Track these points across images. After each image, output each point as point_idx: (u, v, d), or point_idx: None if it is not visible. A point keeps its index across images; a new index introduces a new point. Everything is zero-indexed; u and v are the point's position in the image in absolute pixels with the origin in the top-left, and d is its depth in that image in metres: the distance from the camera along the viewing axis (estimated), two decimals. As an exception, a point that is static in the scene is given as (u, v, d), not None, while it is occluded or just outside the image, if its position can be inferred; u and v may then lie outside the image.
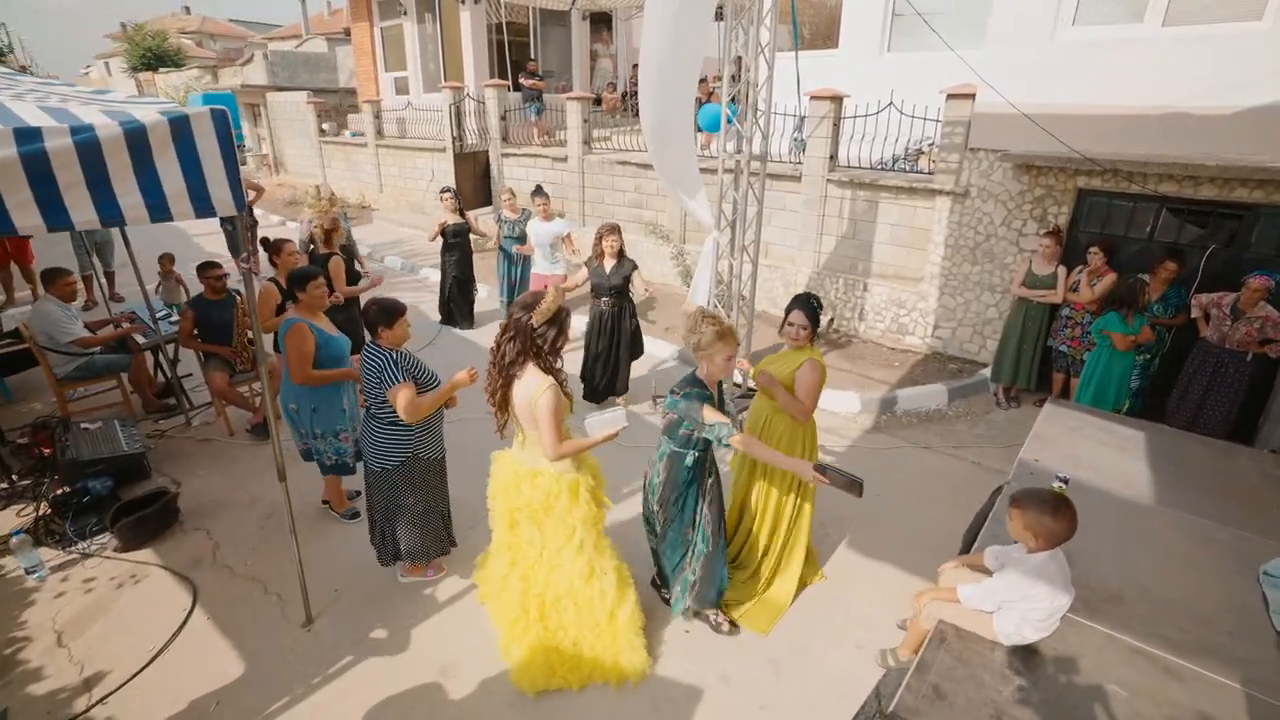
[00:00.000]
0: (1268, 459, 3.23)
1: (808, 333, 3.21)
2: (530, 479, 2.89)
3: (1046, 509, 2.06)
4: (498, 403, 2.86)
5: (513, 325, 2.74)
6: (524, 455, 2.93)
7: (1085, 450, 3.25)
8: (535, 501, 2.88)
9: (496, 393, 2.84)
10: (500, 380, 2.80)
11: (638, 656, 3.01)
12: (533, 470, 2.89)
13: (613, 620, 3.03)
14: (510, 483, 2.95)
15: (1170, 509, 2.78)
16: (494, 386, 2.84)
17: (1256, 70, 4.54)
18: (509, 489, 2.95)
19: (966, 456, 5.04)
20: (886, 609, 3.45)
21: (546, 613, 3.02)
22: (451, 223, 7.04)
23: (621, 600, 3.04)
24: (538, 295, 2.78)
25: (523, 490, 2.90)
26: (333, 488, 4.14)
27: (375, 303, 3.25)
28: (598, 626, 3.03)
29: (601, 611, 3.01)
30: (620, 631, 3.03)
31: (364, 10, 14.27)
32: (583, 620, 3.02)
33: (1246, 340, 4.42)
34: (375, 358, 3.20)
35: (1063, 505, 2.07)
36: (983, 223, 6.10)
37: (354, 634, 3.31)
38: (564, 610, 3.02)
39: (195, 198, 2.42)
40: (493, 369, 2.83)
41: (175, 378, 5.51)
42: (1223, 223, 5.06)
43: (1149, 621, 2.15)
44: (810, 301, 3.23)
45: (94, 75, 42.72)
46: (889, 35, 8.56)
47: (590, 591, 3.00)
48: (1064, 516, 2.05)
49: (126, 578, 3.70)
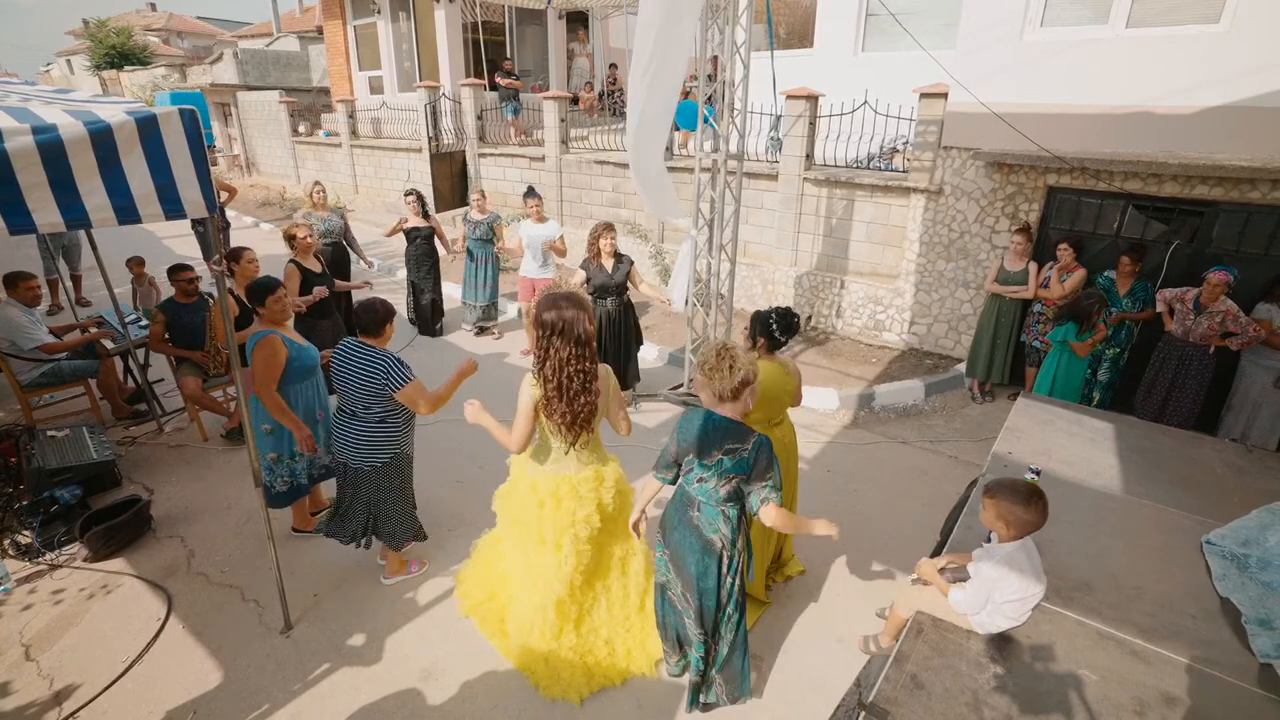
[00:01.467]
0: (1230, 449, 3.33)
1: (759, 344, 3.20)
2: (594, 483, 2.78)
3: (1019, 499, 2.11)
4: (588, 407, 2.60)
5: (579, 323, 2.52)
6: (572, 463, 2.75)
7: (1057, 443, 3.32)
8: (606, 499, 2.79)
9: (587, 397, 2.59)
10: (588, 382, 2.57)
11: (654, 644, 3.05)
12: (596, 472, 2.80)
13: (641, 610, 3.06)
14: (565, 495, 2.75)
15: (1138, 499, 2.86)
16: (581, 390, 2.56)
17: (1215, 71, 4.68)
18: (561, 503, 2.75)
19: (943, 450, 5.12)
20: (865, 601, 3.50)
21: (582, 619, 3.00)
22: (411, 225, 6.89)
23: (648, 584, 3.04)
24: (575, 295, 2.62)
25: (585, 496, 2.75)
26: (298, 507, 3.99)
27: (377, 304, 3.23)
28: (628, 620, 3.04)
29: (633, 603, 3.03)
30: (647, 619, 3.05)
31: (337, 8, 14.08)
32: (613, 616, 3.03)
33: (1209, 334, 4.56)
34: (379, 360, 3.15)
35: (1035, 496, 2.12)
36: (956, 220, 6.21)
37: (334, 639, 3.28)
38: (597, 611, 3.01)
39: (165, 199, 2.37)
40: (576, 376, 2.54)
41: (146, 383, 5.39)
42: (1185, 219, 5.21)
43: (1117, 607, 2.22)
44: (763, 317, 3.17)
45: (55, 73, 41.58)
46: (863, 35, 8.68)
47: (625, 580, 3.01)
48: (1036, 508, 2.10)
49: (97, 588, 3.62)
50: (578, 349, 2.53)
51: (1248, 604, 2.09)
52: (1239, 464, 3.16)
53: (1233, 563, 2.22)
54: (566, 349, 2.52)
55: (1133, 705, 1.86)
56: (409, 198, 6.96)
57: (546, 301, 2.58)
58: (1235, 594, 2.15)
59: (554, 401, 2.59)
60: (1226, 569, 2.21)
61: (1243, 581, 2.17)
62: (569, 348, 2.52)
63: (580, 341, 2.53)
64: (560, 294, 2.61)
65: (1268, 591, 2.11)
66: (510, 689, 3.00)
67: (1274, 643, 1.96)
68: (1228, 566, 2.22)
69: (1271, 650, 1.94)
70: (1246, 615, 2.07)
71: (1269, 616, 2.03)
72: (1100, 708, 1.86)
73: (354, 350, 3.23)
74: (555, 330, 2.52)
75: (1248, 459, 3.20)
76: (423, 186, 10.58)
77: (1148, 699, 1.88)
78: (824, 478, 4.70)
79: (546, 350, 2.55)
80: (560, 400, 2.57)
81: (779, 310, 3.17)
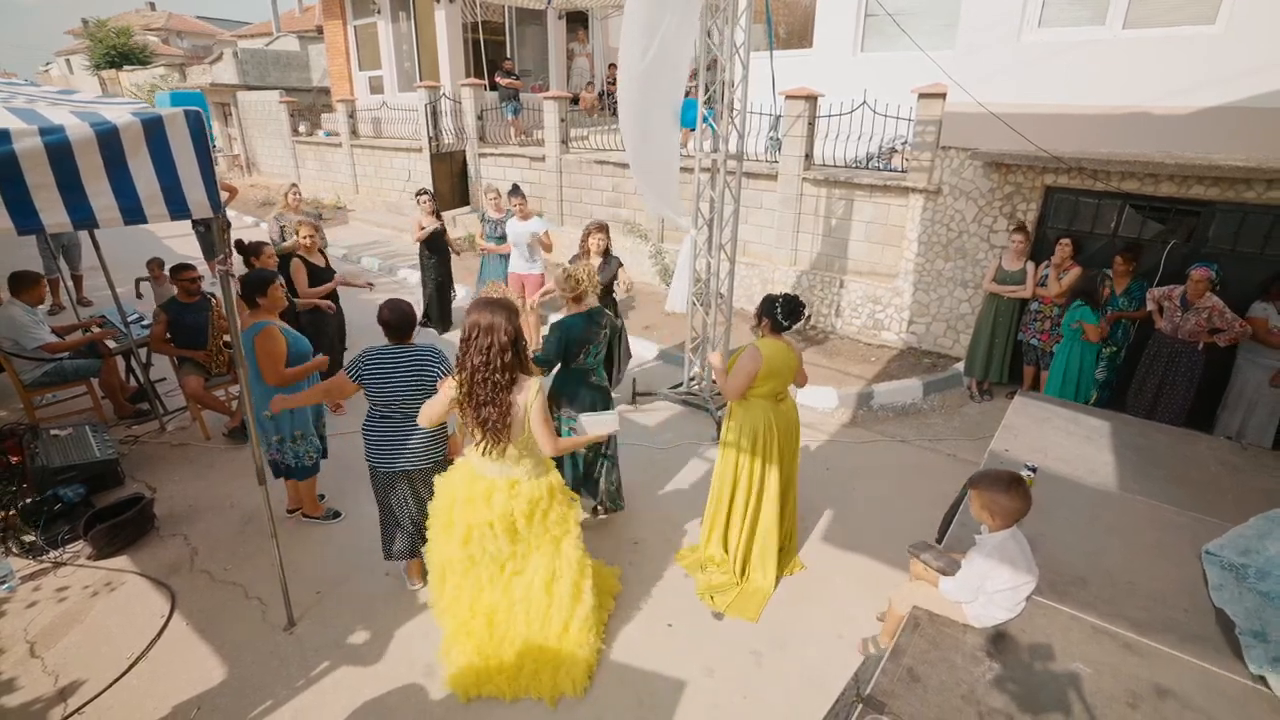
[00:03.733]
0: (1224, 446, 3.37)
1: (763, 324, 3.43)
2: (507, 489, 2.80)
3: (1000, 486, 2.15)
4: (496, 418, 2.62)
5: (496, 331, 2.56)
6: (495, 467, 2.80)
7: (1053, 440, 3.35)
8: (517, 510, 2.81)
9: (494, 407, 2.61)
10: (496, 393, 2.60)
11: (578, 670, 2.95)
12: (510, 480, 2.82)
13: (565, 633, 2.99)
14: (478, 496, 2.80)
15: (1133, 496, 2.89)
16: (487, 401, 2.59)
17: (1210, 72, 4.71)
18: (474, 503, 2.81)
19: (941, 449, 5.15)
20: (865, 598, 3.53)
21: (496, 621, 2.99)
22: (428, 225, 6.97)
23: (576, 608, 2.98)
24: (506, 301, 2.69)
25: (496, 502, 2.79)
26: (307, 493, 4.08)
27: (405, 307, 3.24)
28: (546, 641, 2.98)
29: (557, 623, 2.97)
30: (572, 642, 2.98)
31: (337, 8, 14.09)
32: (532, 632, 2.97)
33: (1196, 330, 4.58)
34: (424, 355, 3.17)
35: (1015, 482, 2.16)
36: (955, 220, 6.24)
37: (337, 636, 3.30)
38: (514, 620, 2.98)
39: (170, 200, 2.40)
40: (481, 385, 2.58)
41: (148, 382, 5.42)
42: (1182, 219, 5.24)
43: (1111, 602, 2.25)
44: (769, 300, 3.40)
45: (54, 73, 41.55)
46: (862, 35, 8.70)
47: (549, 600, 2.96)
48: (1017, 493, 2.14)
49: (101, 586, 3.65)
50: (488, 358, 2.55)
51: (1243, 615, 2.09)
52: (1234, 461, 3.19)
53: (1231, 573, 2.22)
54: (478, 357, 2.55)
55: (1125, 697, 1.89)
56: (422, 197, 7.01)
57: (474, 305, 2.64)
58: (1230, 605, 2.14)
59: (464, 405, 2.66)
60: (1224, 579, 2.21)
61: (1239, 592, 2.17)
62: (479, 356, 2.55)
63: (490, 350, 2.54)
64: (489, 299, 2.65)
65: (1265, 602, 2.11)
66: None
67: (1269, 655, 1.96)
68: (1225, 577, 2.21)
69: (1266, 663, 1.95)
70: (1241, 627, 2.07)
71: (1264, 629, 2.03)
72: (1094, 700, 1.89)
73: (396, 355, 3.18)
74: (471, 335, 2.57)
75: (1242, 456, 3.23)
76: (423, 186, 10.59)
77: (1140, 691, 1.91)
78: (823, 475, 4.73)
79: (463, 354, 2.60)
80: (469, 405, 2.64)
81: (786, 296, 3.40)
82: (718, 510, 3.66)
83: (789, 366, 3.40)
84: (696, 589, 3.60)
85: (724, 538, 3.68)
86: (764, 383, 3.36)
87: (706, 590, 3.57)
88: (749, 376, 3.32)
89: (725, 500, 3.62)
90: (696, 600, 3.54)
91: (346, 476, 4.45)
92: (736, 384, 3.36)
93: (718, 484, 3.65)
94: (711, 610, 3.47)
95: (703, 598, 3.54)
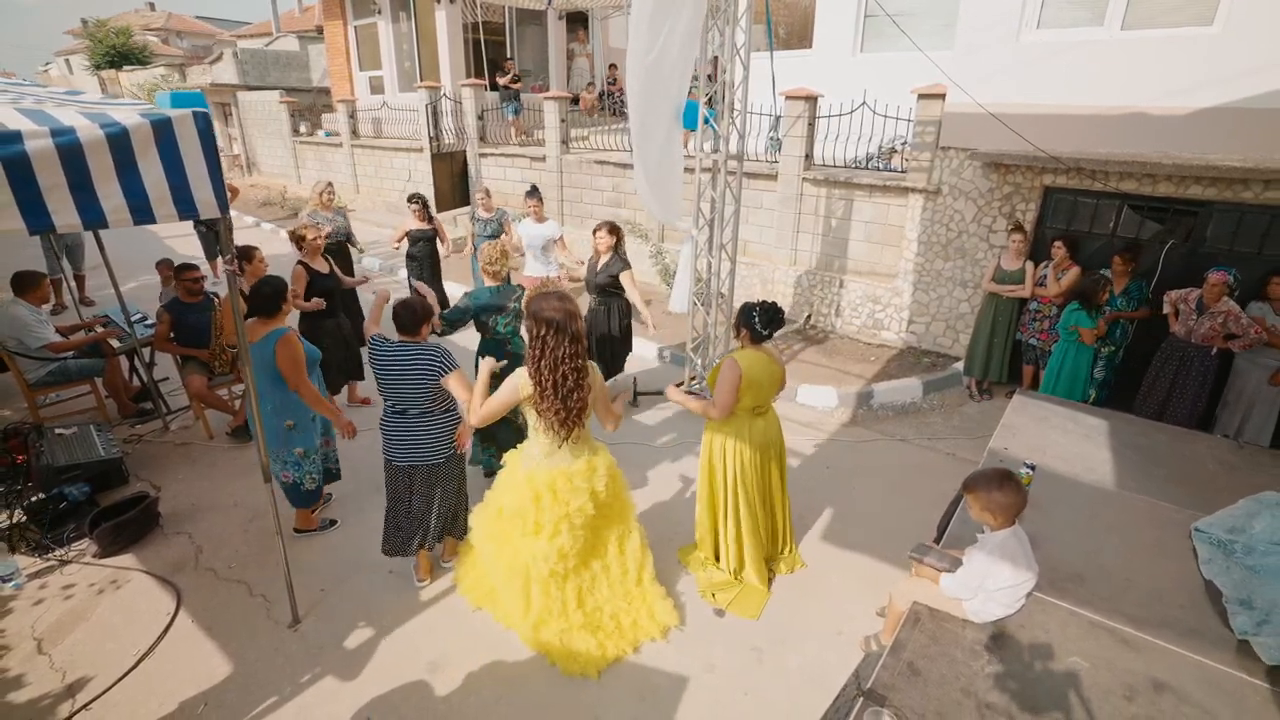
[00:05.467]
0: (1223, 445, 3.40)
1: (743, 334, 3.36)
2: (588, 472, 2.89)
3: (993, 485, 2.18)
4: (580, 405, 2.72)
5: (576, 319, 2.64)
6: (566, 456, 2.86)
7: (1052, 439, 3.38)
8: (599, 487, 2.92)
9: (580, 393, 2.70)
10: (581, 379, 2.67)
11: (667, 607, 3.27)
12: (586, 463, 2.91)
13: (640, 584, 3.24)
14: (563, 488, 2.87)
15: (1132, 494, 2.92)
16: (574, 388, 2.67)
17: (1208, 72, 4.74)
18: (560, 495, 2.87)
19: (941, 448, 5.18)
20: (865, 596, 3.56)
21: (584, 598, 3.11)
22: (414, 228, 6.93)
23: (645, 560, 3.25)
24: (566, 292, 2.75)
25: (580, 487, 2.87)
26: (300, 511, 4.03)
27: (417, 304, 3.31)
28: (629, 594, 3.19)
29: (632, 578, 3.18)
30: (647, 591, 3.25)
31: (337, 8, 14.11)
32: (615, 593, 3.16)
33: (1211, 335, 4.57)
34: (425, 352, 3.21)
35: (1007, 478, 2.19)
36: (954, 220, 6.27)
37: (341, 633, 3.33)
38: (599, 588, 3.14)
39: (179, 200, 2.42)
40: (571, 373, 2.64)
41: (152, 382, 5.44)
42: (1180, 219, 5.27)
43: (1109, 598, 2.28)
44: (747, 308, 3.33)
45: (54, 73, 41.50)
46: (862, 36, 8.74)
47: (624, 559, 3.15)
48: (1010, 488, 2.17)
49: (107, 583, 3.67)
50: (572, 346, 2.61)
51: (1230, 586, 2.19)
52: (1231, 460, 3.22)
53: (1219, 548, 2.32)
54: (562, 346, 2.60)
55: (1122, 691, 1.92)
56: (413, 204, 7.01)
57: (541, 298, 2.67)
58: (1219, 577, 2.24)
59: (548, 398, 2.66)
60: (1213, 554, 2.30)
61: (1227, 566, 2.27)
62: (564, 345, 2.60)
63: (574, 339, 2.62)
64: (553, 292, 2.71)
65: (1250, 575, 2.20)
66: (515, 679, 3.05)
67: (1253, 620, 2.05)
68: (1214, 552, 2.31)
69: (1250, 627, 2.04)
70: (1228, 596, 2.16)
71: (1249, 597, 2.12)
72: (1091, 694, 1.92)
73: (398, 350, 3.23)
74: (551, 327, 2.59)
75: (1239, 455, 3.26)
76: (424, 186, 10.63)
77: (1137, 685, 1.94)
78: (823, 475, 4.76)
79: (541, 347, 2.62)
80: (555, 397, 2.66)
81: (763, 304, 3.30)
82: (704, 523, 3.68)
83: (771, 378, 3.31)
84: (698, 586, 3.63)
85: (714, 548, 3.69)
86: (744, 395, 3.25)
87: (708, 588, 3.59)
88: (734, 388, 3.21)
89: (709, 514, 3.63)
90: (698, 598, 3.57)
91: (351, 479, 4.46)
92: (724, 400, 3.24)
93: (701, 498, 3.66)
94: (713, 607, 3.50)
95: (704, 595, 3.56)
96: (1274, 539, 2.29)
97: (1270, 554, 2.24)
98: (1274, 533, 2.32)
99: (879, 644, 2.98)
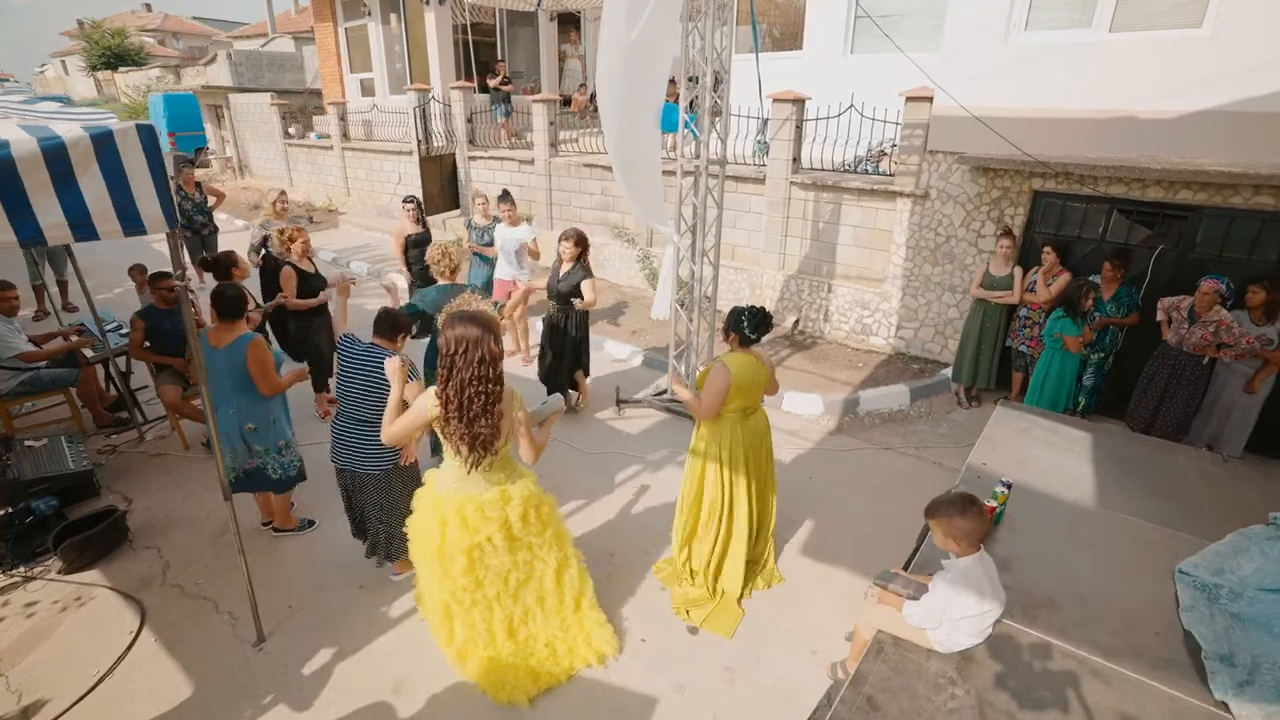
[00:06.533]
0: (1204, 458, 3.32)
1: (731, 338, 3.37)
2: (500, 501, 2.78)
3: (954, 510, 2.10)
4: (489, 432, 2.58)
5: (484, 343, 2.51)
6: (478, 482, 2.76)
7: (1032, 453, 3.31)
8: (513, 516, 2.80)
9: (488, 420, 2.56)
10: (490, 405, 2.55)
11: (606, 634, 3.17)
12: (499, 491, 2.79)
13: (579, 610, 3.14)
14: (471, 516, 2.76)
15: (1110, 511, 2.84)
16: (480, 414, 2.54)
17: (1197, 75, 4.66)
18: (468, 524, 2.76)
19: (928, 457, 5.11)
20: (842, 614, 3.49)
21: (515, 629, 3.02)
22: (412, 233, 6.89)
23: (584, 587, 3.16)
24: (482, 313, 2.65)
25: (491, 516, 2.76)
26: (281, 505, 4.03)
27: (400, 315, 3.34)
28: (565, 622, 3.11)
29: (569, 605, 3.10)
30: (585, 618, 3.14)
31: (327, 10, 14.03)
32: (550, 622, 3.07)
33: (1202, 344, 4.49)
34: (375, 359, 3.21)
35: (969, 503, 2.11)
36: (942, 224, 6.19)
37: (306, 652, 3.26)
38: (533, 620, 3.05)
39: (124, 216, 2.36)
40: (476, 398, 2.51)
41: (128, 391, 5.37)
42: (1170, 224, 5.19)
43: (1082, 625, 2.20)
44: (735, 313, 3.32)
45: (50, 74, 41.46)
46: (852, 37, 8.65)
47: (560, 589, 3.06)
48: (972, 514, 2.09)
49: (71, 600, 3.60)
50: (481, 368, 2.50)
51: (1211, 638, 2.04)
52: (1213, 473, 3.15)
53: (1203, 593, 2.16)
54: (470, 368, 2.49)
55: (1089, 727, 1.85)
56: (408, 205, 6.94)
57: (451, 320, 2.57)
58: (1199, 627, 2.09)
59: (453, 422, 2.57)
60: (1195, 600, 2.15)
61: (1210, 614, 2.11)
62: (473, 367, 2.49)
63: (485, 361, 2.50)
64: (466, 313, 2.60)
65: (1234, 624, 2.05)
66: (475, 702, 2.98)
67: (1234, 680, 1.90)
68: (1197, 598, 2.16)
69: (1231, 688, 1.89)
70: (1208, 651, 2.01)
71: (1231, 652, 1.97)
72: (1057, 729, 1.84)
73: (361, 351, 3.27)
74: (461, 347, 2.50)
75: (1221, 468, 3.19)
76: (413, 189, 10.54)
77: (1105, 720, 1.87)
78: (806, 484, 4.68)
79: (449, 368, 2.53)
80: (460, 421, 2.55)
81: (752, 309, 3.31)
82: (686, 528, 3.61)
83: (759, 380, 3.34)
84: (672, 603, 3.56)
85: (690, 556, 3.63)
86: (734, 399, 3.29)
87: (682, 604, 3.53)
88: (720, 395, 3.25)
89: (693, 517, 3.57)
90: (671, 614, 3.50)
91: (319, 482, 4.37)
92: (709, 404, 3.29)
93: (686, 500, 3.59)
94: (686, 624, 3.43)
95: (678, 612, 3.50)
96: (1262, 584, 2.14)
97: (1258, 601, 2.09)
98: (1263, 577, 2.17)
99: (845, 671, 2.91)
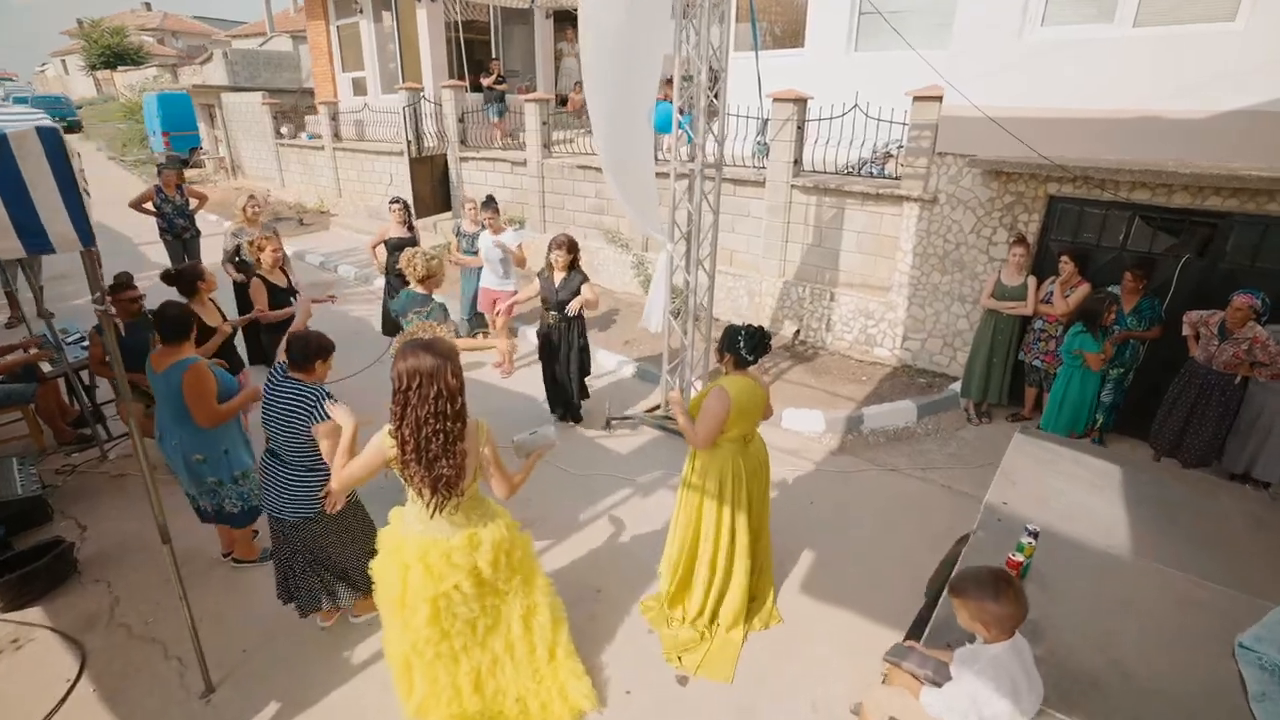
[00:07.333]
0: (1251, 498, 3.01)
1: (726, 360, 3.13)
2: (468, 546, 2.48)
3: (987, 593, 1.78)
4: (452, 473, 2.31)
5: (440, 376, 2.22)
6: (444, 526, 2.46)
7: (1055, 488, 3.00)
8: (482, 562, 2.50)
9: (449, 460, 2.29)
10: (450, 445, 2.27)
11: (583, 687, 2.87)
12: (467, 535, 2.49)
13: (553, 659, 2.82)
14: (437, 563, 2.46)
15: (1149, 562, 2.53)
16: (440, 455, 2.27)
17: (1229, 73, 4.34)
18: (433, 572, 2.47)
19: (936, 479, 4.79)
20: (845, 659, 3.18)
21: (483, 682, 2.73)
22: (394, 236, 6.56)
23: (558, 635, 2.84)
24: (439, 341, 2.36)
25: (458, 564, 2.47)
26: (242, 536, 3.77)
27: (311, 337, 2.94)
28: (538, 673, 2.80)
29: (542, 655, 2.79)
30: (560, 668, 2.83)
31: (320, 8, 13.74)
32: (521, 673, 2.77)
33: (1234, 362, 4.17)
34: (306, 394, 2.85)
35: (1003, 584, 1.79)
36: (952, 230, 5.87)
37: (258, 703, 2.98)
38: (502, 671, 2.75)
39: (24, 232, 2.05)
40: (433, 438, 2.24)
41: (93, 406, 5.08)
42: (1197, 231, 4.87)
43: (1129, 713, 1.88)
44: (731, 332, 3.09)
45: (50, 73, 41.34)
46: (856, 34, 8.33)
47: (530, 636, 2.75)
48: (1007, 598, 1.77)
49: (7, 643, 3.32)
50: (438, 404, 2.21)
51: None
52: (1260, 515, 2.83)
53: (1274, 676, 1.84)
54: (426, 405, 2.20)
55: None
56: (394, 206, 6.63)
57: (403, 350, 2.28)
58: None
59: (411, 464, 2.28)
60: (1266, 684, 1.81)
61: None
62: (429, 403, 2.20)
63: (443, 395, 2.22)
64: (420, 341, 2.30)
65: None
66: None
67: None
68: (1268, 683, 1.82)
69: None
70: None
71: None
72: None
73: (279, 385, 2.92)
74: (414, 381, 2.20)
75: (1270, 509, 2.88)
76: (403, 191, 10.26)
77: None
78: (806, 511, 4.37)
79: (403, 404, 2.23)
80: (418, 463, 2.27)
81: (749, 328, 3.06)
82: (680, 569, 3.31)
83: (757, 403, 3.08)
84: (662, 648, 3.26)
85: (687, 594, 3.33)
86: (733, 425, 3.02)
87: (673, 649, 3.23)
88: (719, 422, 2.96)
89: (688, 556, 3.27)
90: (660, 660, 3.20)
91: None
92: (706, 432, 3.00)
93: (681, 534, 3.29)
94: (677, 673, 3.13)
95: (669, 658, 3.20)
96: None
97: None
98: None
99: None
